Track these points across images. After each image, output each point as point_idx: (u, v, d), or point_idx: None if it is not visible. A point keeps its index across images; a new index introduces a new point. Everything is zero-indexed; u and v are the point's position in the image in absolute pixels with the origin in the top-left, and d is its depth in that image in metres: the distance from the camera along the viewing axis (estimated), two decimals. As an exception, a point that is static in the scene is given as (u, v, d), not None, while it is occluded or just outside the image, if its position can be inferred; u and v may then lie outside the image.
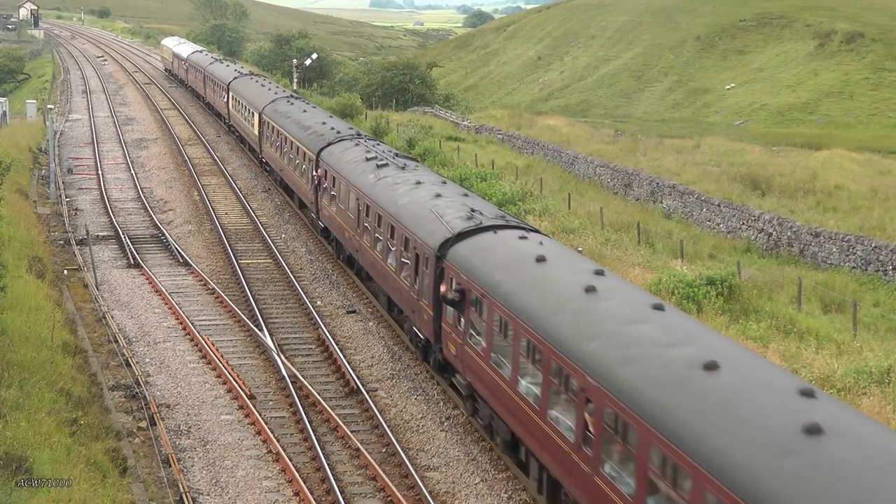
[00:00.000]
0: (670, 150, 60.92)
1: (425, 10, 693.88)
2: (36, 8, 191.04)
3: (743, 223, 39.70)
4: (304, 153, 36.01)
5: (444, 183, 26.68)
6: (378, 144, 33.40)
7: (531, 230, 21.67)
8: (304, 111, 41.71)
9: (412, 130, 57.14)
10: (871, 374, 21.33)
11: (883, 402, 20.13)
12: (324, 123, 37.84)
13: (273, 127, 42.77)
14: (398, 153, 31.58)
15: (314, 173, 34.07)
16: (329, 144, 34.04)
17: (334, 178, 31.61)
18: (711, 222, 41.43)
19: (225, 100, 58.90)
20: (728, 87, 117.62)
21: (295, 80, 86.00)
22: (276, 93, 48.50)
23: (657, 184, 46.11)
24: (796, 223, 37.72)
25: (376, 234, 26.54)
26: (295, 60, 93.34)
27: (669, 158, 56.17)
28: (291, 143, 38.51)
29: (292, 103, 44.13)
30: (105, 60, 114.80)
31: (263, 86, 52.65)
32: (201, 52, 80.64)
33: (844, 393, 20.68)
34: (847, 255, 34.81)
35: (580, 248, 29.40)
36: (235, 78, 58.24)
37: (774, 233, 38.04)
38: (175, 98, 77.36)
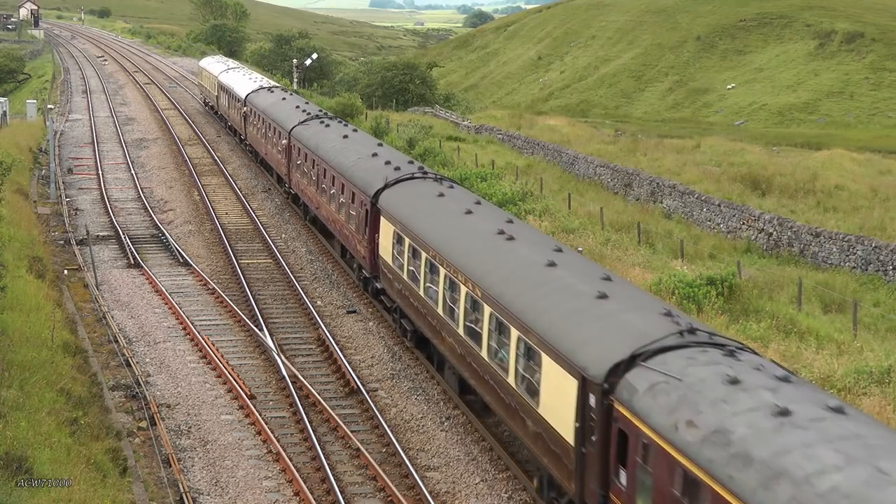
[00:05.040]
0: (670, 150, 60.85)
1: (425, 10, 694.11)
2: (36, 8, 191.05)
3: (743, 223, 39.68)
4: None
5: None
6: None
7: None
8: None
9: (412, 130, 57.13)
10: (872, 374, 21.32)
11: (883, 402, 20.13)
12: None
13: None
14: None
15: None
16: None
17: None
18: (711, 222, 41.42)
19: (362, 222, 27.92)
20: (728, 87, 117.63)
21: (295, 80, 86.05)
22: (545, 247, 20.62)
23: (657, 184, 46.10)
24: (796, 223, 37.70)
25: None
26: (295, 60, 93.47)
27: (669, 158, 56.12)
28: None
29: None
30: (105, 60, 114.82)
31: (473, 214, 23.00)
32: (272, 90, 49.77)
33: (845, 393, 20.68)
34: (847, 255, 34.80)
35: (580, 249, 29.38)
36: (391, 185, 26.87)
37: (775, 233, 38.03)
38: (175, 98, 77.35)
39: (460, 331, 20.42)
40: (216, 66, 65.08)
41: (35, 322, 23.86)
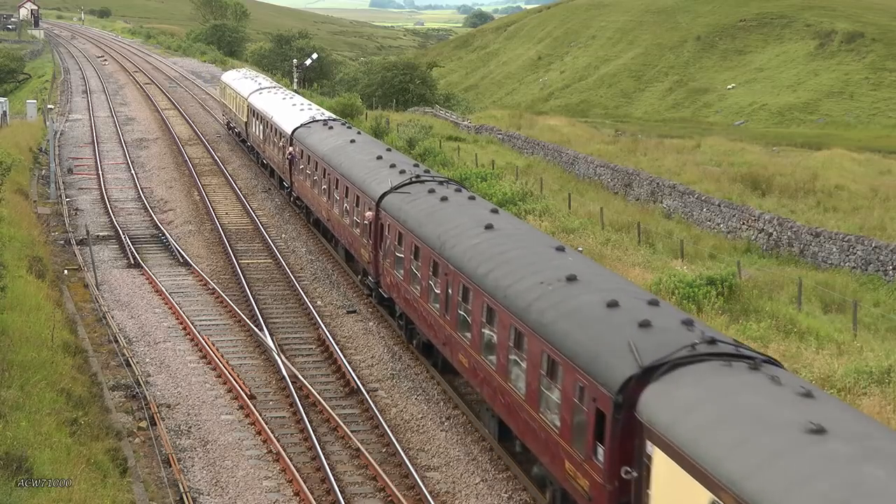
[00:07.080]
0: (670, 150, 60.88)
1: (425, 10, 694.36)
2: (36, 8, 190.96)
3: (743, 223, 39.68)
4: None
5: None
6: None
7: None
8: None
9: (412, 130, 57.13)
10: (872, 374, 21.32)
11: (883, 402, 20.13)
12: None
13: None
14: None
15: None
16: None
17: None
18: (711, 222, 41.41)
19: (589, 436, 14.50)
20: (728, 87, 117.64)
21: (295, 80, 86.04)
22: None
23: (657, 184, 46.09)
24: (796, 223, 37.70)
25: None
26: (295, 60, 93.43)
27: (669, 158, 56.13)
28: None
29: None
30: (105, 60, 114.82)
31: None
32: (328, 125, 37.94)
33: (845, 393, 20.68)
34: (847, 255, 34.80)
35: (580, 248, 29.37)
36: (664, 371, 13.36)
37: (775, 233, 38.03)
38: (175, 98, 77.34)
39: None
40: (244, 83, 52.78)
41: (35, 322, 23.86)
